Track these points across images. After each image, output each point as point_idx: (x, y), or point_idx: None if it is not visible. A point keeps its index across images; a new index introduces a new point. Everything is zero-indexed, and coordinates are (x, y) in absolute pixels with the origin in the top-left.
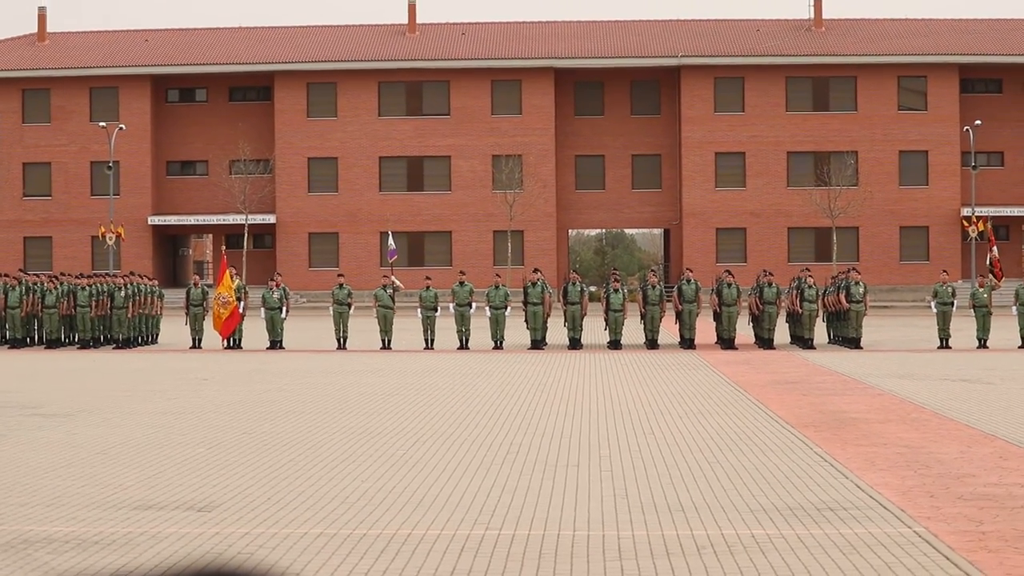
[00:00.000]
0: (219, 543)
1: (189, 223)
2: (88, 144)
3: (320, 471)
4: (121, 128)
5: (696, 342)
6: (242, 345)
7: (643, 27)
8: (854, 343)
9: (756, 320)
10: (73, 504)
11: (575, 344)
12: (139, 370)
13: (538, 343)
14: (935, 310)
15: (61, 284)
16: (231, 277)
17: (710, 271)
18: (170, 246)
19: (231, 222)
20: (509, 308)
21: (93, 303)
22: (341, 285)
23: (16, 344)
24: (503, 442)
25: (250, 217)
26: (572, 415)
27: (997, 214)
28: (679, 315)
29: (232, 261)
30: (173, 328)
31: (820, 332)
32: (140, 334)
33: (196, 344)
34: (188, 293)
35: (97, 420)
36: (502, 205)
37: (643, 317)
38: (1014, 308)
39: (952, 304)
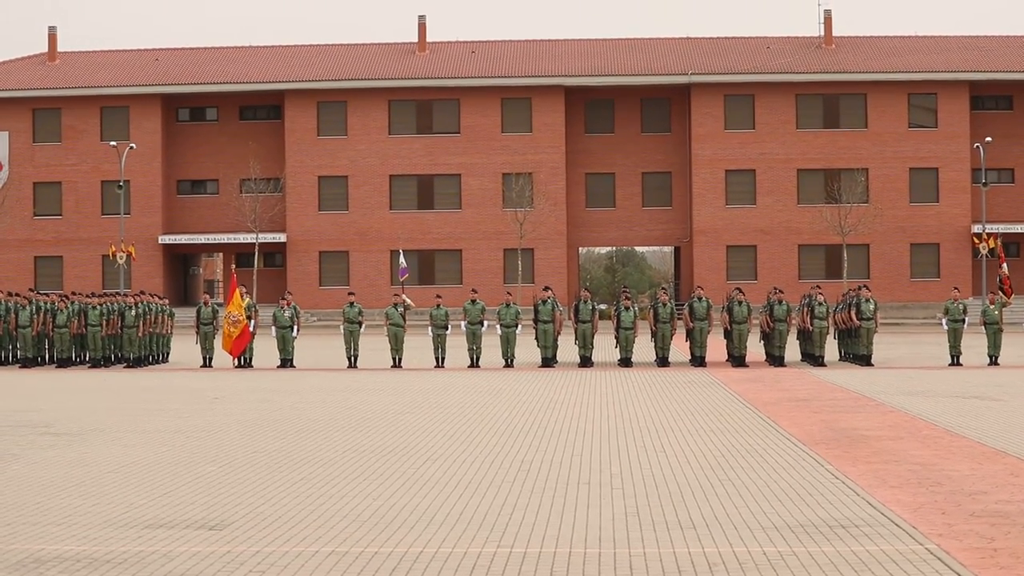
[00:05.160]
0: (230, 562)
1: (199, 242)
2: (99, 163)
3: (331, 489)
4: (132, 147)
5: (707, 360)
6: (252, 364)
7: (653, 45)
8: (865, 360)
9: (767, 338)
10: (84, 523)
11: (586, 362)
12: (150, 389)
13: (549, 361)
14: (946, 327)
15: (72, 303)
16: (241, 296)
17: (720, 289)
18: (180, 265)
19: (241, 241)
20: (520, 326)
21: (104, 322)
22: (352, 303)
23: (27, 363)
24: (514, 460)
25: (260, 236)
26: (583, 433)
27: (1007, 231)
28: (690, 333)
29: (242, 280)
30: (184, 347)
31: (831, 349)
32: (151, 353)
33: (207, 363)
34: (198, 312)
35: (108, 439)
36: (512, 223)
37: (654, 335)
38: None
39: (963, 321)
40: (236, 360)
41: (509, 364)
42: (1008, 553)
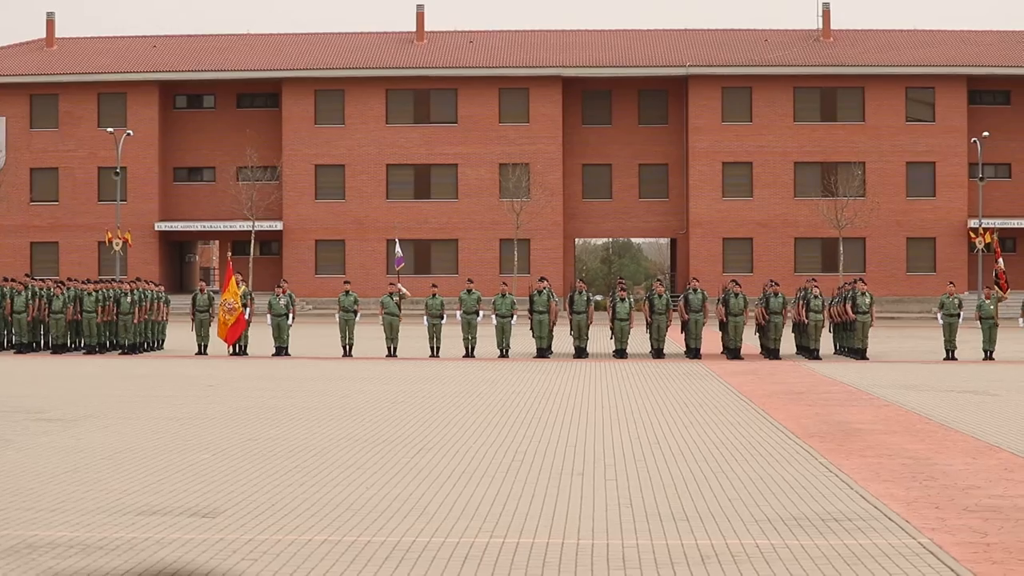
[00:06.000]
0: (222, 549)
1: (196, 229)
2: (96, 150)
3: (325, 478)
4: (129, 134)
5: (702, 352)
6: (248, 352)
7: (651, 36)
8: (860, 354)
9: (762, 330)
10: (77, 509)
11: (581, 353)
12: (145, 376)
13: (544, 352)
14: (941, 321)
15: (68, 289)
16: (237, 283)
17: (716, 281)
18: (177, 252)
19: (238, 228)
20: (515, 316)
21: (99, 308)
22: (347, 292)
23: (22, 349)
24: (508, 450)
25: (257, 224)
26: (577, 424)
27: (1004, 226)
28: (685, 325)
29: (238, 267)
30: (179, 334)
31: (826, 343)
32: (146, 340)
33: (202, 350)
34: (194, 299)
35: (102, 425)
36: (509, 213)
37: (649, 326)
38: (1020, 320)
39: (958, 316)
40: (231, 348)
41: (504, 354)
42: (1001, 548)
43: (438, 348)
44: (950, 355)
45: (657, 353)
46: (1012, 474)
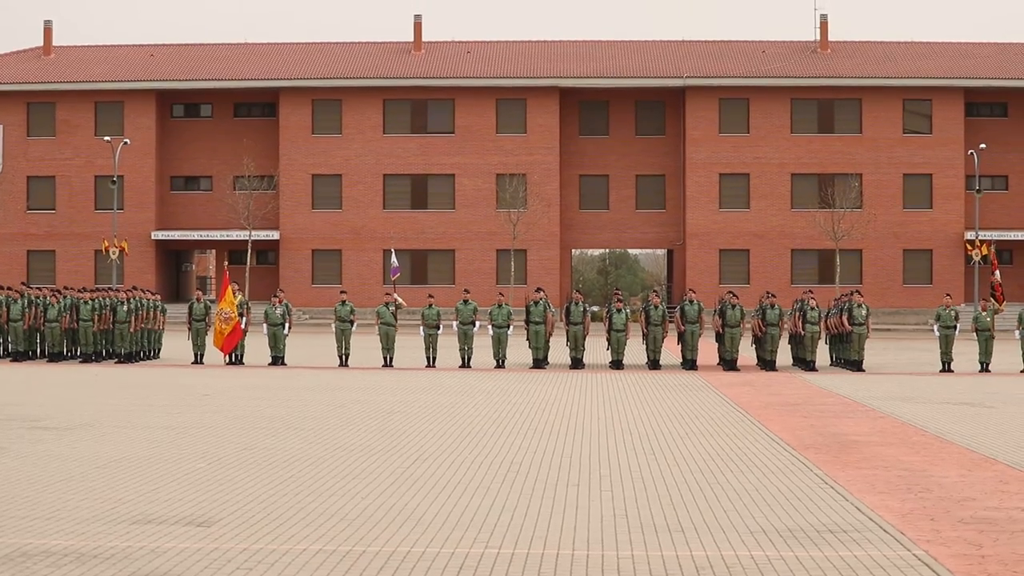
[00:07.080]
0: (217, 559)
1: (192, 238)
2: (92, 158)
3: (320, 488)
4: (126, 143)
5: (698, 363)
6: (244, 361)
7: (648, 47)
8: (856, 366)
9: (758, 342)
10: (72, 518)
11: (577, 364)
12: (140, 385)
13: (540, 362)
14: (937, 333)
15: (64, 298)
16: (233, 293)
17: (713, 292)
18: (173, 261)
19: (234, 238)
20: (511, 327)
21: (95, 317)
22: (344, 302)
23: (18, 357)
24: (503, 461)
25: (254, 233)
26: (573, 435)
27: (1001, 238)
28: (681, 336)
29: (235, 277)
30: (175, 343)
31: (822, 354)
32: (142, 349)
33: (198, 359)
34: (190, 308)
35: (97, 434)
36: (506, 224)
37: (645, 337)
38: (1017, 332)
39: (955, 328)
40: (227, 357)
41: (500, 365)
42: (996, 560)
43: (434, 358)
44: (946, 367)
45: (653, 364)
46: (1007, 486)
